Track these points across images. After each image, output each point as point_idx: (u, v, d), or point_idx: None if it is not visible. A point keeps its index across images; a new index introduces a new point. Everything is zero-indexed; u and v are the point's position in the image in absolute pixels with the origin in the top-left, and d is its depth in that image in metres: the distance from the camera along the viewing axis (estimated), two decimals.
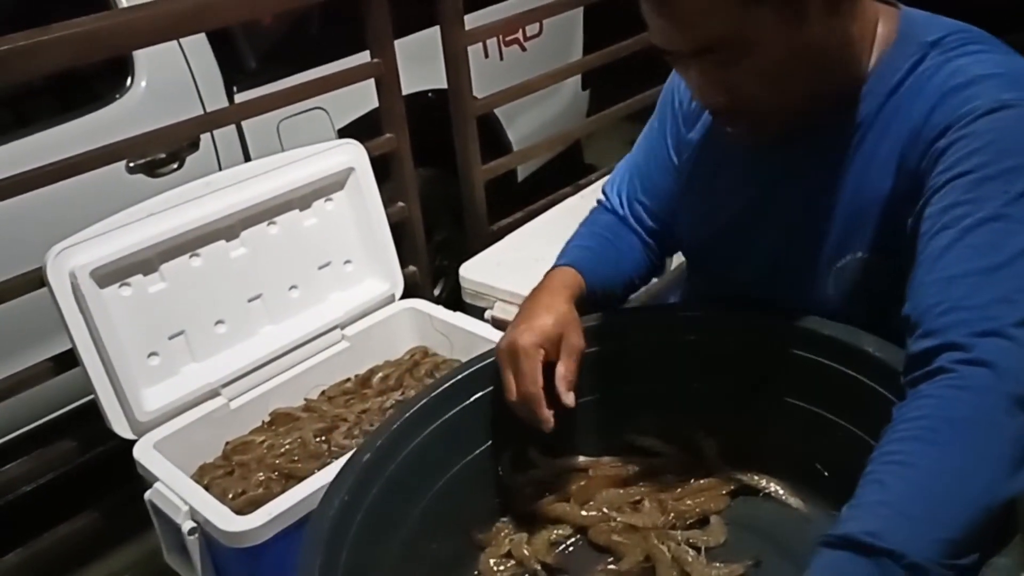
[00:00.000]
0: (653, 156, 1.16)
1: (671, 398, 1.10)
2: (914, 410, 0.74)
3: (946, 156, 0.83)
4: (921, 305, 0.79)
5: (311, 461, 1.37)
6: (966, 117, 0.82)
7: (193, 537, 1.23)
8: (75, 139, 1.66)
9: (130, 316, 1.36)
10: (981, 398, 0.71)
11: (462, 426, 1.05)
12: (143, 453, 1.33)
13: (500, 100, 2.30)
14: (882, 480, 0.71)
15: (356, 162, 1.59)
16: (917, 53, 0.89)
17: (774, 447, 1.04)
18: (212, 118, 1.89)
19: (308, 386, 1.54)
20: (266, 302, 1.53)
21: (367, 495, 0.94)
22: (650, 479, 1.08)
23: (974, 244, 0.78)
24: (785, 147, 0.97)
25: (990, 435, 0.70)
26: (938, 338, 0.76)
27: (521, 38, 2.78)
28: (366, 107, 2.14)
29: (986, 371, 0.72)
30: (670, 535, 1.00)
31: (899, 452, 0.72)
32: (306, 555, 0.84)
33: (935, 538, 0.66)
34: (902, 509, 0.68)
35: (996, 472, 0.69)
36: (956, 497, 0.68)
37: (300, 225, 1.56)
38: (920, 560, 0.65)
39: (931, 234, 0.81)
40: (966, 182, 0.81)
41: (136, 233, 1.36)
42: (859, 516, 0.69)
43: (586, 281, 1.08)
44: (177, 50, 1.96)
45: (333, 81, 1.86)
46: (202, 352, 1.46)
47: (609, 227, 1.18)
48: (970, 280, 0.77)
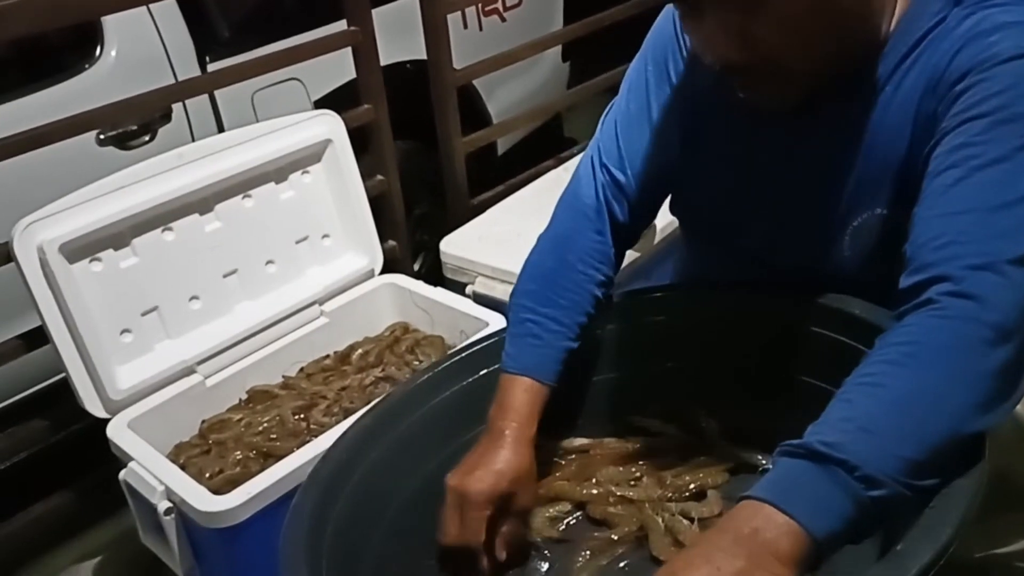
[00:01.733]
0: (644, 111, 1.09)
1: (672, 379, 1.09)
2: (895, 337, 0.74)
3: (963, 98, 0.81)
4: (919, 240, 0.78)
5: (290, 439, 1.35)
6: (988, 62, 0.81)
7: (169, 518, 1.21)
8: (43, 110, 1.62)
9: (101, 292, 1.33)
10: (962, 327, 0.71)
11: (466, 402, 1.04)
12: (117, 432, 1.30)
13: (480, 71, 2.26)
14: (851, 399, 0.72)
15: (334, 134, 1.56)
16: (940, 12, 0.87)
17: (775, 424, 1.02)
18: (184, 88, 1.85)
19: (286, 363, 1.52)
20: (242, 277, 1.50)
21: (365, 459, 0.93)
22: (650, 458, 1.08)
23: (980, 183, 0.77)
24: (802, 107, 0.94)
25: (966, 365, 0.70)
26: (930, 271, 0.75)
27: (500, 8, 2.74)
28: (343, 78, 2.10)
29: (972, 303, 0.71)
30: (666, 506, 1.01)
31: (872, 374, 0.73)
32: (299, 506, 0.84)
33: (894, 454, 0.67)
34: (864, 425, 0.69)
35: (969, 401, 0.69)
36: (923, 419, 0.69)
37: (276, 198, 1.53)
38: (874, 472, 0.66)
39: (937, 172, 0.80)
40: (980, 124, 0.79)
41: (107, 206, 1.32)
42: (821, 430, 0.70)
43: (545, 379, 1.01)
44: (147, 18, 1.91)
45: (309, 50, 1.83)
46: (176, 329, 1.43)
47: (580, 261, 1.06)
48: (971, 216, 0.76)
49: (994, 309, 0.71)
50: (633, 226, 1.11)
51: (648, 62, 1.09)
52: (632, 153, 1.08)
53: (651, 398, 1.11)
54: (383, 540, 0.95)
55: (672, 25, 1.07)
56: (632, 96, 1.10)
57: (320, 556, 0.82)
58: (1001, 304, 0.71)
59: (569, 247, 1.07)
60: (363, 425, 0.98)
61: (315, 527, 0.84)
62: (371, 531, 0.93)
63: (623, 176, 1.08)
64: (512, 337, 1.04)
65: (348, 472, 0.92)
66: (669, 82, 1.06)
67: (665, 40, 1.07)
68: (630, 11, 2.42)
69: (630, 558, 0.98)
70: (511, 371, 1.01)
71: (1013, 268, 0.73)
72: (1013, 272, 0.73)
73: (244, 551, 1.17)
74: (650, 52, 1.09)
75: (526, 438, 0.97)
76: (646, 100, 1.08)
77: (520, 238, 1.81)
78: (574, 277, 1.05)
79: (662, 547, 0.96)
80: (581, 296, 1.05)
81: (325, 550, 0.83)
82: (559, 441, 1.10)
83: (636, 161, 1.08)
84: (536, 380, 1.00)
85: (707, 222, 1.11)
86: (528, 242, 1.11)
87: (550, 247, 1.09)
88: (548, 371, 1.01)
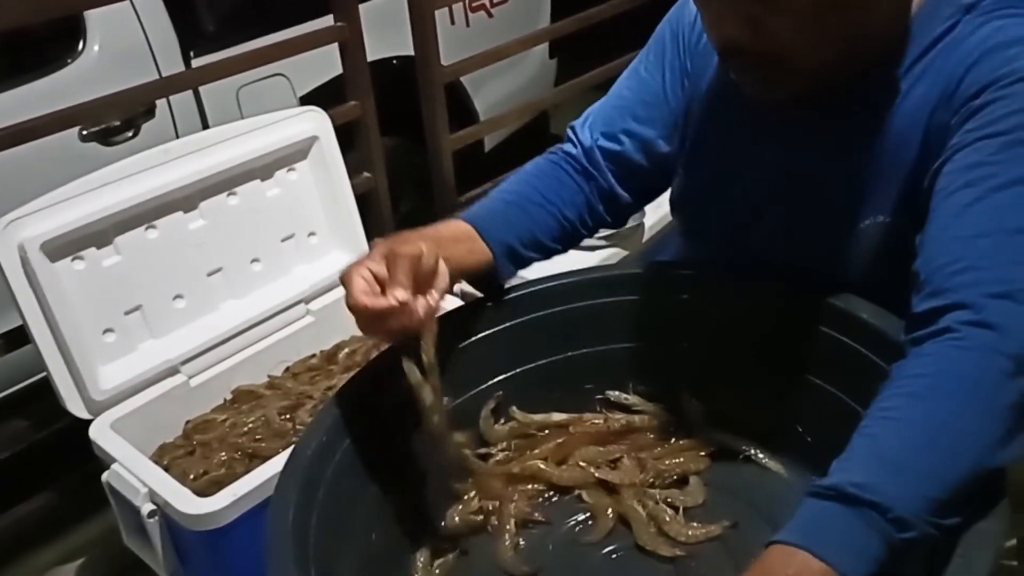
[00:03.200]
0: (646, 89, 1.09)
1: (657, 358, 1.09)
2: (914, 368, 0.73)
3: (980, 115, 0.80)
4: (934, 262, 0.76)
5: (275, 440, 1.34)
6: (1008, 78, 0.79)
7: (153, 520, 1.19)
8: (25, 105, 1.60)
9: (84, 291, 1.31)
10: (983, 359, 0.70)
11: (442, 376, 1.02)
12: (99, 433, 1.28)
13: (467, 67, 2.26)
14: (875, 434, 0.70)
15: (320, 130, 1.55)
16: (953, 17, 0.86)
17: (757, 410, 1.03)
18: (168, 83, 1.83)
19: (272, 362, 1.51)
20: (227, 276, 1.49)
21: (346, 437, 0.92)
22: (630, 437, 1.08)
23: (998, 205, 0.75)
24: (808, 107, 0.93)
25: (988, 398, 0.69)
26: (948, 297, 0.73)
27: (488, 4, 2.73)
28: (329, 73, 2.09)
29: (992, 333, 0.70)
30: (648, 493, 1.00)
31: (894, 408, 0.71)
32: (282, 489, 0.83)
33: (923, 495, 0.66)
34: (891, 463, 0.68)
35: (990, 435, 0.68)
36: (948, 456, 0.67)
37: (262, 196, 1.51)
38: (906, 515, 0.65)
39: (951, 190, 0.78)
40: (997, 143, 0.78)
41: (89, 204, 1.30)
42: (848, 468, 0.69)
43: (481, 229, 1.00)
44: (131, 12, 1.89)
45: (295, 46, 1.81)
46: (160, 328, 1.41)
47: (540, 172, 1.11)
48: (990, 241, 0.74)
49: (1014, 340, 0.69)
50: (611, 192, 1.11)
51: (647, 54, 1.10)
52: (605, 127, 1.09)
53: (633, 375, 1.10)
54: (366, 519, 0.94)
55: (671, 23, 1.08)
56: (625, 81, 1.11)
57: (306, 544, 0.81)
58: (1021, 334, 0.70)
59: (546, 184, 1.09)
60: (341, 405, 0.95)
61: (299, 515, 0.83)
62: (355, 508, 0.93)
63: (610, 144, 1.09)
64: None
65: (330, 453, 0.91)
66: (673, 70, 1.07)
67: (664, 36, 1.08)
68: (617, 8, 2.42)
69: (615, 545, 0.98)
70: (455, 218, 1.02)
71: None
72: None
73: (229, 553, 1.16)
74: (650, 47, 1.10)
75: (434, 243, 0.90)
76: (637, 84, 1.09)
77: None
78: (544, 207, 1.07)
79: (648, 537, 0.96)
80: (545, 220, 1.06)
81: (311, 533, 0.83)
82: (535, 415, 1.09)
83: (608, 135, 1.09)
84: (472, 225, 1.00)
85: (710, 219, 1.10)
86: None
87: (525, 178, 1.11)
88: (489, 228, 1.01)
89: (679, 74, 1.07)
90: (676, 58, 1.07)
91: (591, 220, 1.11)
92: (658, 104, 1.08)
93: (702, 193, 1.08)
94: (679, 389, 1.08)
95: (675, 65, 1.07)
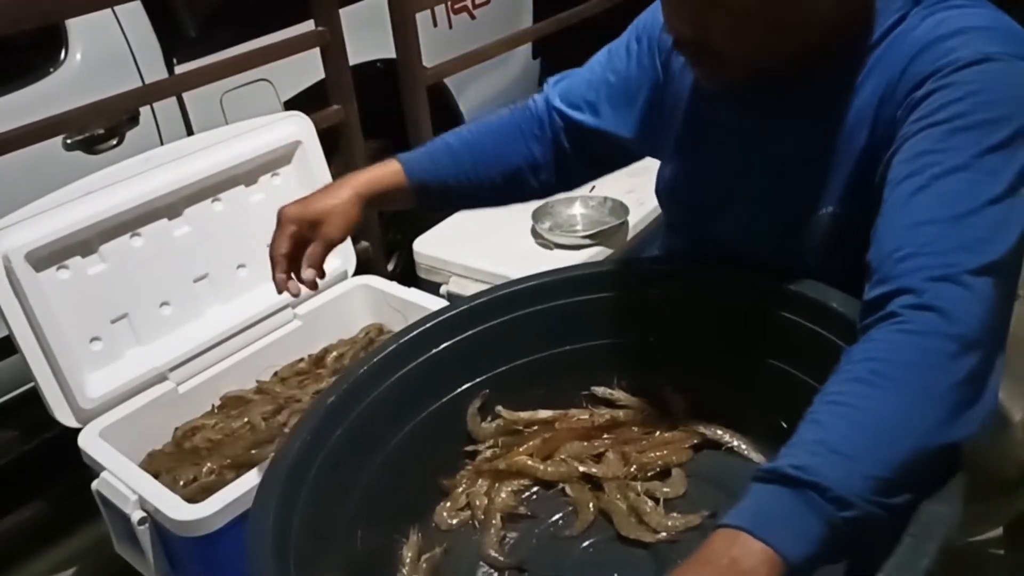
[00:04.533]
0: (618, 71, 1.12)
1: (639, 352, 1.10)
2: (859, 353, 0.74)
3: (922, 105, 0.81)
4: (882, 251, 0.78)
5: (265, 445, 1.34)
6: (946, 68, 0.81)
7: (143, 527, 1.19)
8: (7, 115, 1.59)
9: (69, 300, 1.31)
10: (926, 342, 0.71)
11: (428, 375, 1.06)
12: (88, 442, 1.29)
13: (450, 69, 2.26)
14: (819, 420, 0.72)
15: (303, 135, 1.55)
16: (901, 10, 0.88)
17: (739, 402, 1.04)
18: (152, 90, 1.83)
19: (260, 367, 1.51)
20: (213, 282, 1.49)
21: (330, 437, 0.94)
22: (615, 431, 1.09)
23: (941, 192, 0.77)
24: (765, 99, 0.96)
25: (932, 379, 0.70)
26: (893, 284, 0.75)
27: (470, 5, 2.73)
28: (313, 78, 2.09)
29: (935, 316, 0.71)
30: (630, 486, 1.02)
31: (840, 393, 0.73)
32: (264, 491, 0.84)
33: (864, 474, 0.67)
34: (834, 446, 0.69)
35: (934, 415, 0.69)
36: (891, 437, 0.69)
37: (246, 201, 1.52)
38: (845, 494, 0.66)
39: (897, 181, 0.80)
40: (939, 131, 0.79)
41: (73, 213, 1.31)
42: (792, 453, 0.70)
43: (412, 176, 1.09)
44: (112, 20, 1.89)
45: (277, 51, 1.81)
46: (147, 335, 1.41)
47: (498, 126, 1.15)
48: (933, 227, 0.76)
49: (957, 321, 0.71)
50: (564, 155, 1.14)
51: (622, 41, 1.12)
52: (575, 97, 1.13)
53: (617, 370, 1.12)
54: (349, 520, 0.95)
55: (646, 17, 1.10)
56: (597, 58, 1.14)
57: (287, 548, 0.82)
58: (964, 316, 0.71)
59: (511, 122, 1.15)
60: (327, 404, 0.98)
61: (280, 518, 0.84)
62: (338, 512, 0.94)
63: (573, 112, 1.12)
64: None
65: (314, 453, 0.92)
66: (635, 67, 1.09)
67: (644, 30, 1.10)
68: (599, 7, 2.43)
69: (596, 537, 0.99)
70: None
71: (975, 278, 0.73)
72: (975, 283, 0.73)
73: (219, 559, 1.16)
74: (629, 34, 1.12)
75: (350, 189, 1.06)
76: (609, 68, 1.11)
77: (493, 237, 1.82)
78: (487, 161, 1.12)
79: (628, 527, 0.98)
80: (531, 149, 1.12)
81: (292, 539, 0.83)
82: (521, 413, 1.11)
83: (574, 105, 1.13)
84: (401, 164, 1.09)
85: (684, 210, 1.12)
86: (501, 240, 1.12)
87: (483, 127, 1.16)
88: (416, 166, 1.10)
89: (654, 63, 1.09)
90: (646, 53, 1.09)
91: (535, 180, 1.15)
92: (627, 89, 1.10)
93: (676, 184, 1.10)
94: (661, 383, 1.10)
95: (652, 53, 1.09)
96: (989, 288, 0.73)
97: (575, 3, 2.41)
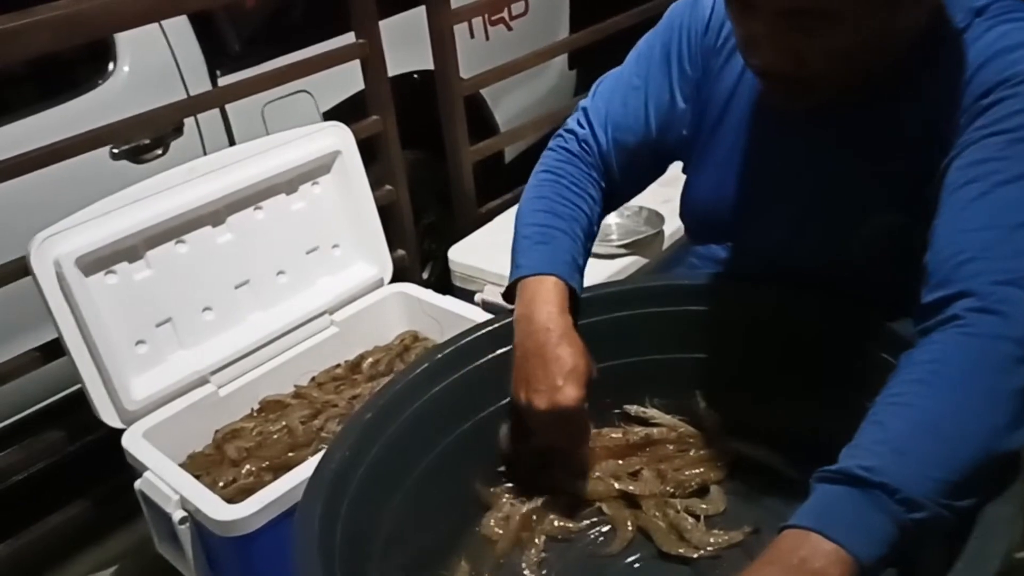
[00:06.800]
0: (642, 86, 1.10)
1: (673, 370, 1.10)
2: (921, 355, 0.74)
3: (987, 114, 0.82)
4: (940, 254, 0.78)
5: (302, 448, 1.36)
6: (1014, 79, 0.81)
7: (184, 526, 1.22)
8: (58, 126, 1.63)
9: (116, 304, 1.35)
10: (989, 345, 0.71)
11: (462, 393, 1.05)
12: (132, 442, 1.32)
13: (487, 80, 2.28)
14: (882, 421, 0.72)
15: (342, 145, 1.58)
16: (963, 20, 0.88)
17: (774, 418, 1.04)
18: (195, 102, 1.87)
19: (297, 372, 1.53)
20: (254, 288, 1.52)
21: (368, 452, 0.94)
22: (649, 450, 1.08)
23: (1003, 199, 0.77)
24: (817, 110, 0.95)
25: (994, 382, 0.70)
26: (953, 287, 0.75)
27: (507, 17, 2.75)
28: (351, 89, 2.12)
29: (998, 319, 0.71)
30: (669, 503, 1.01)
31: (901, 394, 0.73)
32: (306, 505, 0.85)
33: (931, 476, 0.67)
34: (899, 447, 0.69)
35: (998, 419, 0.69)
36: (955, 439, 0.68)
37: (287, 209, 1.54)
38: (914, 496, 0.66)
39: (958, 185, 0.80)
40: (1004, 140, 0.80)
41: (121, 220, 1.34)
42: (856, 454, 0.70)
43: (563, 275, 1.01)
44: (159, 34, 1.94)
45: (318, 63, 1.84)
46: (190, 339, 1.44)
47: (568, 181, 1.10)
48: (994, 232, 0.76)
49: (1020, 325, 0.71)
50: (612, 183, 1.13)
51: (657, 44, 1.10)
52: (617, 118, 1.10)
53: (651, 388, 1.11)
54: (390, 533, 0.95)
55: (683, 19, 1.08)
56: (635, 67, 1.11)
57: (332, 556, 0.83)
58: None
59: (560, 175, 1.10)
60: (365, 419, 0.98)
61: (325, 526, 0.85)
62: (379, 521, 0.94)
63: (604, 135, 1.10)
64: (521, 251, 1.04)
65: (354, 467, 0.93)
66: (672, 69, 1.08)
67: (676, 30, 1.09)
68: (636, 18, 2.43)
69: (636, 555, 0.99)
70: (528, 274, 1.00)
71: None
72: None
73: (258, 559, 1.18)
74: (661, 35, 1.10)
75: (568, 325, 0.96)
76: (646, 75, 1.10)
77: None
78: (568, 195, 1.08)
79: (670, 543, 0.97)
80: (577, 212, 1.07)
81: (336, 547, 0.84)
82: None
83: (619, 127, 1.10)
84: (556, 276, 0.99)
85: (718, 222, 1.11)
86: None
87: (542, 178, 1.11)
88: (564, 270, 1.01)
89: (689, 73, 1.07)
90: (687, 57, 1.07)
91: (601, 212, 1.14)
92: (664, 100, 1.09)
93: (720, 193, 1.09)
94: (696, 400, 1.09)
95: (684, 65, 1.07)
96: None
97: (611, 14, 2.42)
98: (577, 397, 0.93)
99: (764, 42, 0.87)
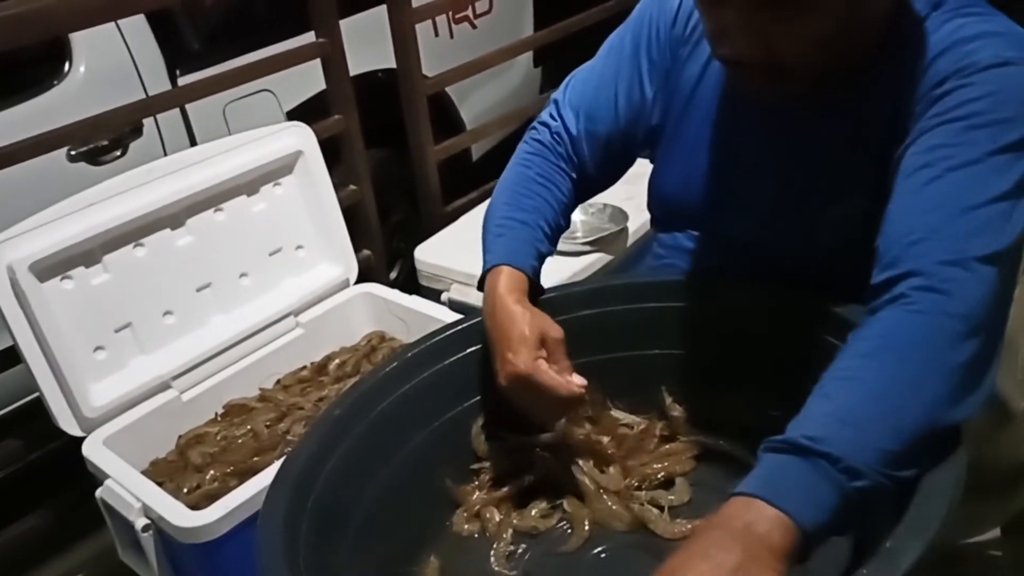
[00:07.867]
0: (612, 78, 1.11)
1: (638, 366, 1.11)
2: (868, 331, 0.77)
3: (941, 102, 0.84)
4: (891, 236, 0.81)
5: (268, 452, 1.35)
6: (968, 68, 0.84)
7: (147, 534, 1.20)
8: (12, 127, 1.61)
9: (73, 310, 1.32)
10: (932, 320, 0.74)
11: (432, 391, 1.06)
12: (92, 450, 1.29)
13: (451, 78, 2.28)
14: (828, 393, 0.74)
15: (304, 145, 1.56)
16: (923, 10, 0.90)
17: (738, 410, 1.04)
18: (154, 102, 1.84)
19: (263, 375, 1.52)
20: (216, 291, 1.50)
21: (337, 449, 0.94)
22: (618, 446, 1.09)
23: (953, 183, 0.80)
24: (783, 98, 0.96)
25: (938, 357, 0.73)
26: (901, 267, 0.77)
27: (471, 15, 2.75)
28: (315, 88, 2.10)
29: (942, 297, 0.74)
30: (634, 496, 1.02)
31: (847, 368, 0.75)
32: (271, 500, 0.85)
33: (874, 446, 0.69)
34: (844, 418, 0.71)
35: (940, 392, 0.72)
36: (898, 411, 0.71)
37: (248, 211, 1.53)
38: (857, 464, 0.68)
39: (911, 171, 0.83)
40: (956, 127, 0.82)
41: (77, 223, 1.32)
42: (802, 424, 0.72)
43: (522, 267, 1.03)
44: (116, 33, 1.91)
45: (279, 62, 1.83)
46: (151, 344, 1.42)
47: (537, 174, 1.11)
48: (942, 214, 0.79)
49: (963, 303, 0.74)
50: (584, 174, 1.14)
51: (627, 36, 1.12)
52: (588, 109, 1.12)
53: (616, 385, 1.11)
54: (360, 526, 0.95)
55: (652, 11, 1.10)
56: (606, 60, 1.13)
57: (297, 552, 0.82)
58: (970, 299, 0.74)
59: (529, 166, 1.12)
60: (334, 416, 0.98)
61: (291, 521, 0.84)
62: (348, 517, 0.94)
63: (576, 126, 1.12)
64: (486, 245, 1.07)
65: (321, 463, 0.93)
66: (642, 60, 1.09)
67: (646, 23, 1.10)
68: (599, 16, 2.44)
69: (605, 544, 1.00)
70: (489, 267, 1.03)
71: (981, 265, 0.75)
72: (981, 269, 0.75)
73: (223, 565, 1.17)
74: (631, 27, 1.12)
75: (513, 298, 0.98)
76: (616, 67, 1.11)
77: None
78: (534, 187, 1.10)
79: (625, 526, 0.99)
80: (540, 202, 1.09)
81: (302, 543, 0.84)
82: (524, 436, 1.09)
83: (591, 117, 1.12)
84: (510, 266, 1.02)
85: (685, 210, 1.12)
86: None
87: (512, 171, 1.14)
88: (518, 260, 1.03)
89: (658, 63, 1.09)
90: (655, 47, 1.09)
91: (575, 203, 1.15)
92: (635, 91, 1.10)
93: (679, 183, 1.10)
94: (661, 395, 1.10)
95: (653, 55, 1.09)
96: (994, 276, 0.76)
97: (575, 12, 2.43)
98: (527, 360, 0.94)
99: (735, 32, 0.88)
